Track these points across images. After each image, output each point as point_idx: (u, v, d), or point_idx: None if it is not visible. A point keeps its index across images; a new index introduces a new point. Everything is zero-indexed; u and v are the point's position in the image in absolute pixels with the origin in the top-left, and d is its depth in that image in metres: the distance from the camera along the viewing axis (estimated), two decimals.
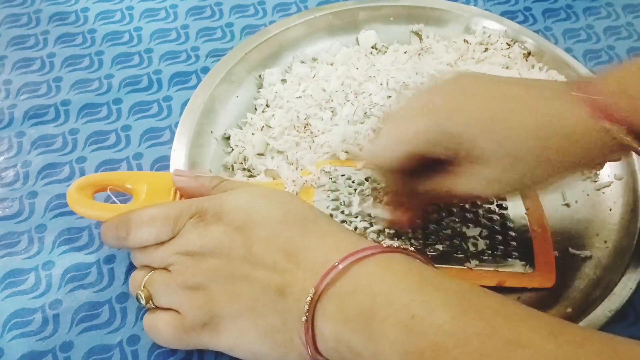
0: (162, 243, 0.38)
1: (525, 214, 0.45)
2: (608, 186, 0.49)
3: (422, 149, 0.37)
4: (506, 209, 0.45)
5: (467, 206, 0.45)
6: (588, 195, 0.48)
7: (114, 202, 0.42)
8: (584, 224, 0.47)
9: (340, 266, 0.32)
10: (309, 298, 0.32)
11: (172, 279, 0.37)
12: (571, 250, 0.45)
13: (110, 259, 0.44)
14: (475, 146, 0.35)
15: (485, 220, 0.44)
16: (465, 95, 0.37)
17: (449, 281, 0.32)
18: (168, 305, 0.37)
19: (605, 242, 0.45)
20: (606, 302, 0.41)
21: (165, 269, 0.38)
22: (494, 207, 0.45)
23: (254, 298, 0.34)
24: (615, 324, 0.41)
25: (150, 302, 0.38)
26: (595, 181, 0.49)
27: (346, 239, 0.35)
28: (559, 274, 0.43)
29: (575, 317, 0.41)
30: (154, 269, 0.38)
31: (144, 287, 0.38)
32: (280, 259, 0.34)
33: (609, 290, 0.41)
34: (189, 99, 0.51)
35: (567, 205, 0.48)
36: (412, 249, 0.35)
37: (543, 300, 0.42)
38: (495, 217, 0.45)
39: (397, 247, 0.34)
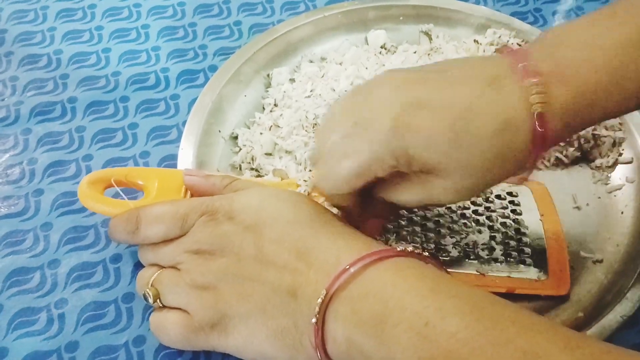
0: (171, 240, 0.37)
1: (540, 220, 0.44)
2: (619, 189, 0.48)
3: (375, 174, 0.35)
4: (520, 214, 0.45)
5: (479, 211, 0.45)
6: (599, 198, 0.48)
7: (122, 198, 0.41)
8: (595, 227, 0.46)
9: (352, 269, 0.32)
10: (319, 300, 0.31)
11: (180, 277, 0.36)
12: (582, 253, 0.44)
13: (116, 258, 0.43)
14: (430, 162, 0.33)
15: (499, 226, 0.44)
16: (410, 106, 0.33)
17: (463, 288, 0.31)
18: (176, 305, 0.37)
19: (617, 245, 0.45)
20: (618, 308, 0.40)
21: (173, 267, 0.37)
22: (508, 212, 0.45)
23: (264, 298, 0.34)
24: (626, 330, 0.40)
25: (158, 300, 0.37)
26: (607, 184, 0.49)
27: (357, 240, 0.35)
28: (570, 277, 0.42)
29: (586, 321, 0.40)
30: (162, 267, 0.38)
31: (151, 285, 0.37)
32: (291, 259, 0.34)
33: (620, 295, 0.41)
34: (196, 98, 0.51)
35: (578, 208, 0.47)
36: (426, 253, 0.34)
37: (554, 305, 0.42)
38: (509, 222, 0.44)
39: (411, 251, 0.34)
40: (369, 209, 0.39)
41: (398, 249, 0.33)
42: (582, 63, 0.33)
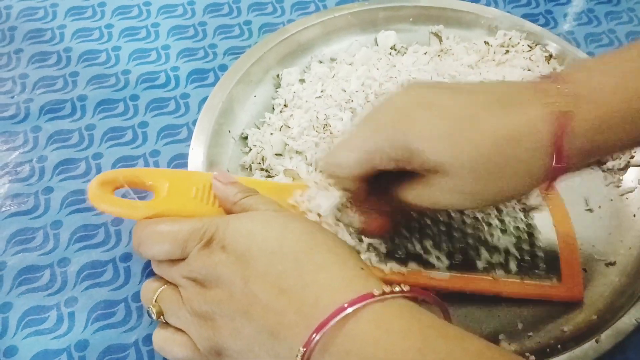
0: (174, 261, 0.37)
1: (553, 225, 0.44)
2: (632, 192, 0.48)
3: (377, 165, 0.36)
4: (533, 218, 0.44)
5: (492, 215, 0.44)
6: (611, 200, 0.48)
7: (132, 198, 0.41)
8: (607, 229, 0.46)
9: (332, 322, 0.30)
10: (298, 357, 0.30)
11: (182, 302, 0.36)
12: (595, 256, 0.44)
13: (126, 257, 0.43)
14: (430, 158, 0.34)
15: (512, 230, 0.44)
16: (416, 105, 0.35)
17: (454, 344, 0.30)
18: (179, 327, 0.36)
19: (630, 248, 0.45)
20: (632, 310, 0.40)
21: (176, 286, 0.37)
22: (520, 216, 0.45)
23: (251, 337, 0.33)
24: None
25: (162, 317, 0.37)
26: (619, 187, 0.48)
27: (340, 274, 0.33)
28: (583, 280, 0.42)
29: (600, 324, 0.40)
30: (167, 281, 0.38)
31: (155, 301, 0.37)
32: (272, 297, 0.33)
33: (634, 298, 0.41)
34: (206, 97, 0.51)
35: (591, 210, 0.47)
36: (408, 288, 0.32)
37: (568, 308, 0.41)
38: (522, 226, 0.44)
39: (397, 291, 0.32)
40: (380, 204, 0.39)
41: (379, 292, 0.31)
42: (609, 87, 0.33)
